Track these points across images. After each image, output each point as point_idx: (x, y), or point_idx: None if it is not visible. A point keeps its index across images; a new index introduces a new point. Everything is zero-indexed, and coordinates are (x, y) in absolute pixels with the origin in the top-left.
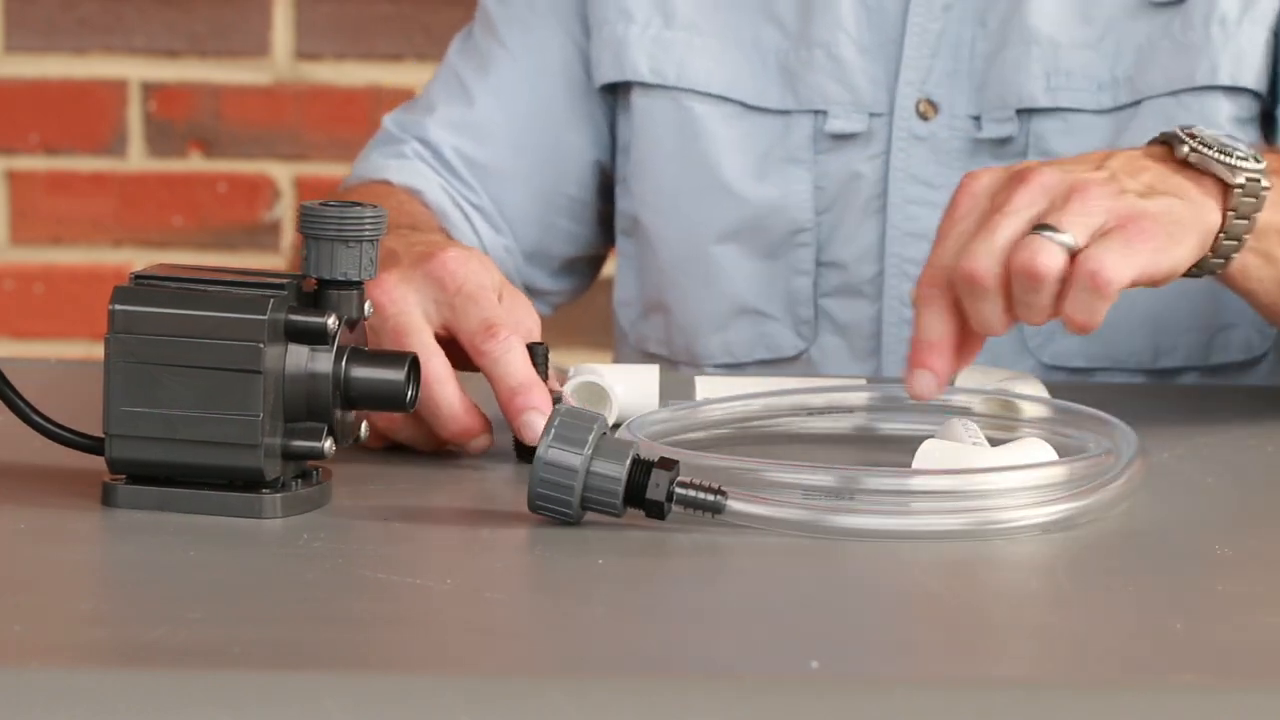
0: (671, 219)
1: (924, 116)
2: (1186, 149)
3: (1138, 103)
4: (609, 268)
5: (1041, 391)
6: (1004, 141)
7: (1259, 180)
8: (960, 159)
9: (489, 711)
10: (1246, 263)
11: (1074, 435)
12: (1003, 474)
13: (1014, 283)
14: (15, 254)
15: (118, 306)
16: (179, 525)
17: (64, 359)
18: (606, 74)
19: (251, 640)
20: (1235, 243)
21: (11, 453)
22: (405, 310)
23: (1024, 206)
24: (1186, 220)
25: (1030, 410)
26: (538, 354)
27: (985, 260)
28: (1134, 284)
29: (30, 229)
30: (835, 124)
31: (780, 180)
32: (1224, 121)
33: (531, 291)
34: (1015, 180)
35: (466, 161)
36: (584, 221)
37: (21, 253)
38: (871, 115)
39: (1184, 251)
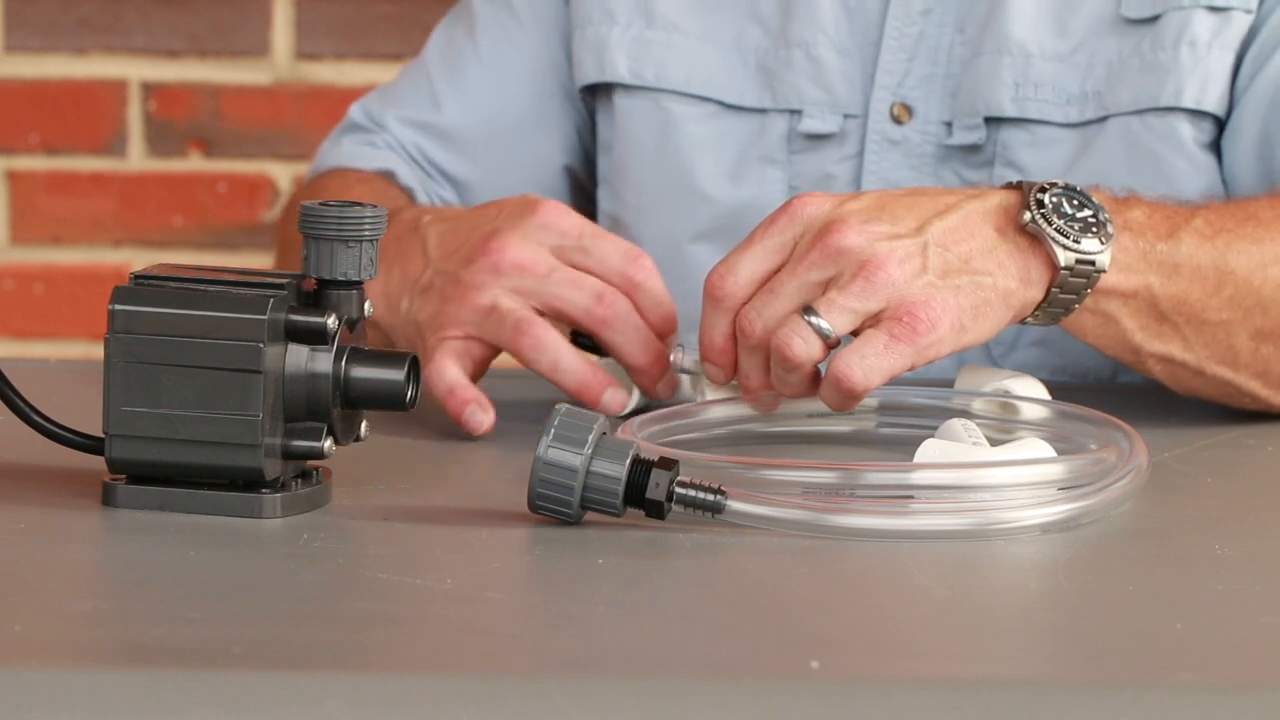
0: (649, 219)
1: (898, 120)
2: (1028, 216)
3: (1104, 119)
4: None
5: (1041, 392)
6: (973, 149)
7: (1091, 263)
8: (932, 164)
9: (489, 711)
10: (1083, 322)
11: (1075, 436)
12: (1004, 469)
13: (771, 357)
14: (15, 254)
15: (118, 306)
16: (179, 525)
17: (64, 359)
18: (588, 75)
19: (251, 640)
20: (1060, 310)
21: (11, 453)
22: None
23: (812, 270)
24: (990, 302)
25: (1030, 411)
26: None
27: (757, 324)
28: (897, 376)
29: (30, 229)
30: (809, 124)
31: (755, 180)
32: (1187, 143)
33: None
34: (823, 233)
35: (430, 163)
36: None
37: (21, 253)
38: (846, 117)
39: (975, 335)
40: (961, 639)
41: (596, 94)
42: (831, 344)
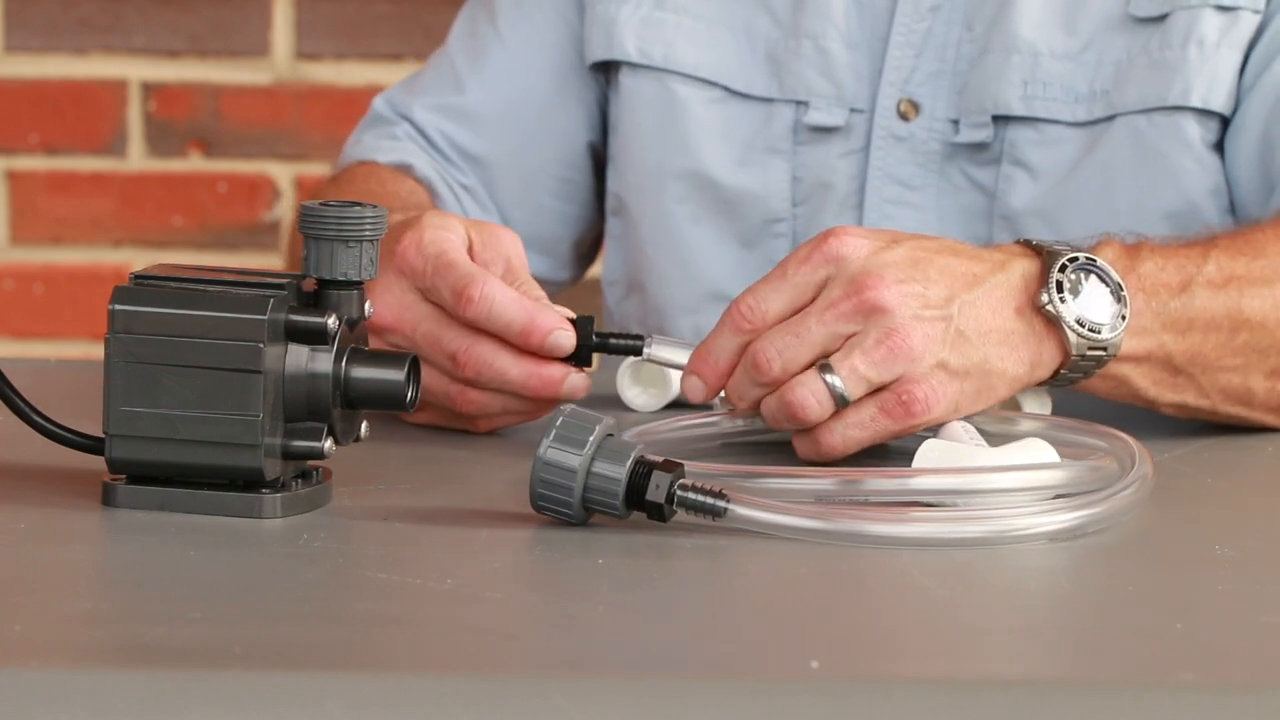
0: (649, 199)
1: (905, 117)
2: (1045, 299)
3: (1111, 118)
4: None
5: (1043, 393)
6: (980, 147)
7: (1103, 351)
8: (937, 162)
9: (489, 711)
10: (1093, 385)
11: (1076, 445)
12: (1002, 475)
13: (778, 403)
14: (15, 254)
15: (118, 306)
16: (179, 525)
17: (64, 359)
18: (597, 52)
19: (251, 640)
20: (1066, 384)
21: (11, 453)
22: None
23: (840, 321)
24: (995, 387)
25: (1031, 419)
26: (581, 328)
27: (776, 364)
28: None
29: (30, 229)
30: (815, 116)
31: (759, 170)
32: (1194, 143)
33: None
34: (858, 287)
35: (453, 146)
36: (576, 202)
37: (21, 253)
38: (852, 111)
39: (970, 412)
40: (961, 639)
41: (607, 72)
42: (841, 408)
